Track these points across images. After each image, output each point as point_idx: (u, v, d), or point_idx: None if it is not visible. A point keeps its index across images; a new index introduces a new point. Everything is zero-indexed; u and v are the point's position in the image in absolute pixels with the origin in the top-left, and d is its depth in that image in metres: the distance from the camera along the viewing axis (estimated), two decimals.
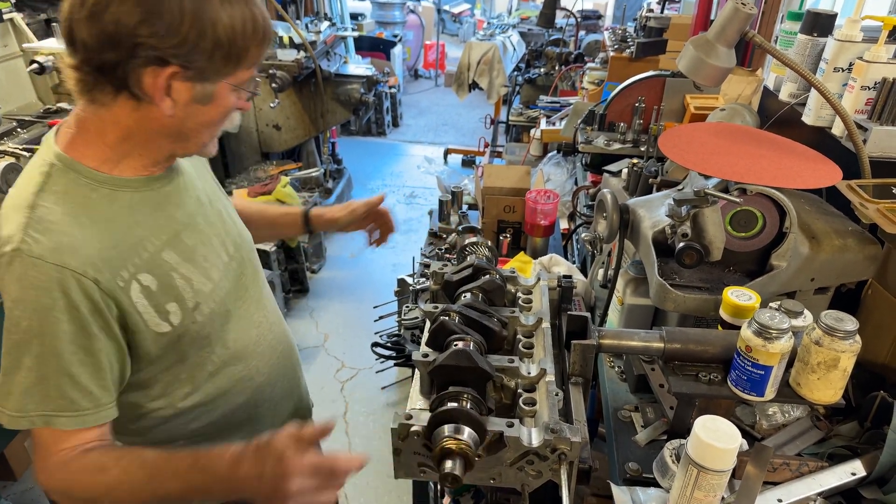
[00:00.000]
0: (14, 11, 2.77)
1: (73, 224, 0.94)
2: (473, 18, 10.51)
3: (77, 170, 0.97)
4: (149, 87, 0.92)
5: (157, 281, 1.03)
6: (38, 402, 0.94)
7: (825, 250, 1.26)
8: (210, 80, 0.96)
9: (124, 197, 1.01)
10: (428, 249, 2.30)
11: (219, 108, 1.00)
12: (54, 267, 0.91)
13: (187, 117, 0.98)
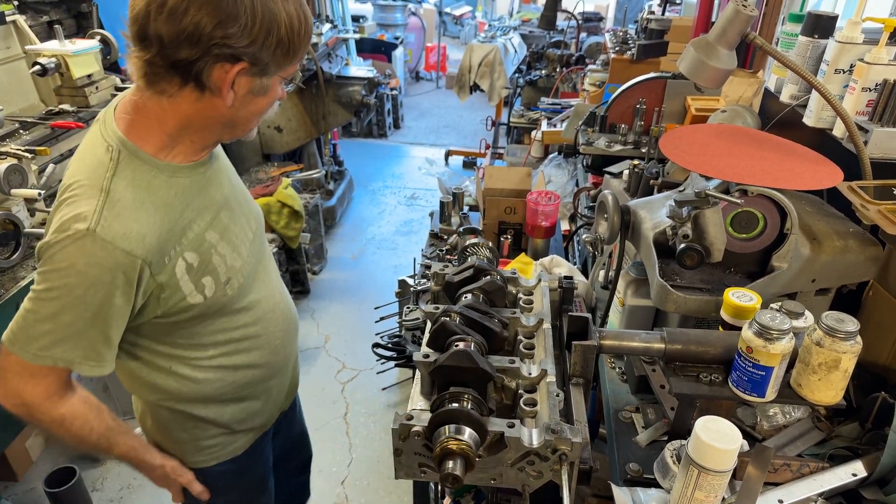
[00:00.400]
0: (17, 13, 2.77)
1: (139, 210, 1.04)
2: (475, 20, 10.53)
3: (140, 157, 1.06)
4: (217, 81, 1.00)
5: (198, 258, 1.14)
6: (69, 350, 1.06)
7: (826, 251, 1.26)
8: (269, 74, 1.05)
9: (178, 183, 1.11)
10: (429, 250, 2.31)
11: (270, 98, 1.11)
12: (122, 252, 1.01)
13: (242, 107, 1.07)
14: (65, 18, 3.57)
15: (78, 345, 1.07)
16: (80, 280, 1.01)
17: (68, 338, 1.05)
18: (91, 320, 1.05)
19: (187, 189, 1.12)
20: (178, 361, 1.26)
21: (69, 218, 1.00)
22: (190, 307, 1.16)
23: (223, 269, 1.19)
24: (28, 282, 2.06)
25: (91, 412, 1.18)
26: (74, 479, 2.06)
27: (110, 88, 2.90)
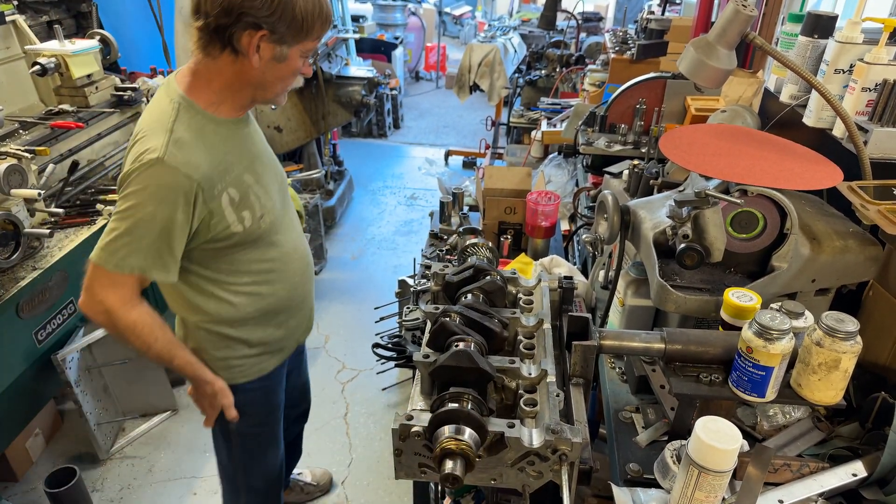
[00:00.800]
0: (16, 13, 2.77)
1: (195, 147, 1.33)
2: (474, 20, 10.53)
3: (195, 109, 1.37)
4: (245, 45, 1.28)
5: (239, 194, 1.43)
6: (142, 260, 1.33)
7: (826, 251, 1.26)
8: (286, 44, 1.32)
9: (222, 132, 1.41)
10: (429, 251, 2.31)
11: (289, 67, 1.37)
12: (184, 177, 1.30)
13: (267, 70, 1.34)
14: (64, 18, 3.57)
15: (149, 255, 1.33)
16: (151, 199, 1.29)
17: (141, 249, 1.32)
18: (159, 234, 1.32)
19: (229, 138, 1.42)
20: (218, 286, 1.53)
21: (142, 151, 1.29)
22: (232, 235, 1.44)
23: (258, 206, 1.47)
24: (28, 282, 2.06)
25: (156, 323, 1.44)
26: (74, 479, 2.06)
27: (110, 88, 2.90)
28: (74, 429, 2.79)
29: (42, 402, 2.53)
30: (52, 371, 2.32)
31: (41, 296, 2.17)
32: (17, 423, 2.38)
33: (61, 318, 2.33)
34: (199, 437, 2.80)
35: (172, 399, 2.89)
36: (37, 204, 2.20)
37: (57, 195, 2.39)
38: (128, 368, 2.72)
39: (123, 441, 2.74)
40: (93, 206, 2.50)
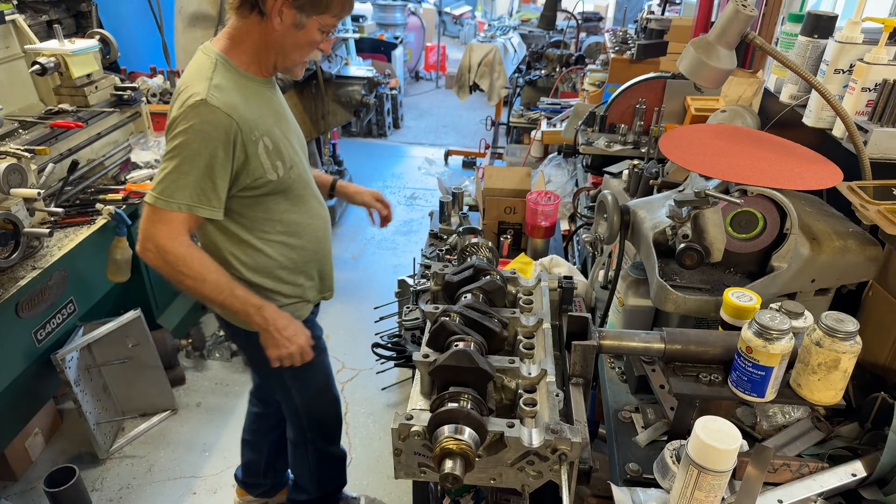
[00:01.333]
0: (16, 13, 2.77)
1: (234, 93, 1.46)
2: (474, 20, 10.53)
3: (231, 65, 1.50)
4: (270, 7, 1.41)
5: (272, 143, 1.54)
6: (188, 197, 1.43)
7: (826, 251, 1.26)
8: (306, 13, 1.44)
9: (254, 87, 1.54)
10: (429, 250, 2.31)
11: (307, 36, 1.48)
12: (225, 115, 1.41)
13: (287, 36, 1.46)
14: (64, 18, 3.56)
15: (195, 191, 1.43)
16: (196, 136, 1.40)
17: (188, 185, 1.42)
18: (204, 170, 1.42)
19: (259, 94, 1.55)
20: (254, 235, 1.63)
21: (188, 97, 1.41)
22: (267, 182, 1.54)
23: (288, 157, 1.59)
24: (27, 281, 2.06)
25: (208, 259, 1.52)
26: (74, 478, 2.06)
27: (110, 87, 2.90)
28: (74, 428, 2.79)
29: (41, 402, 2.53)
30: (51, 370, 2.32)
31: (41, 295, 2.17)
32: (17, 422, 2.38)
33: (61, 318, 2.33)
34: (198, 437, 2.80)
35: (172, 399, 2.89)
36: (36, 203, 2.20)
37: (56, 195, 2.39)
38: (127, 368, 2.72)
39: (123, 440, 2.74)
40: (92, 205, 2.50)
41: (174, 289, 3.36)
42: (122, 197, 2.56)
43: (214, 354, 3.28)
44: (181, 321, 3.21)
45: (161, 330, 2.95)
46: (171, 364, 2.96)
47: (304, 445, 2.12)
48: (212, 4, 3.74)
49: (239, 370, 3.22)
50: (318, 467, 2.18)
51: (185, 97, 1.42)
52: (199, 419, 2.91)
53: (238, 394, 3.07)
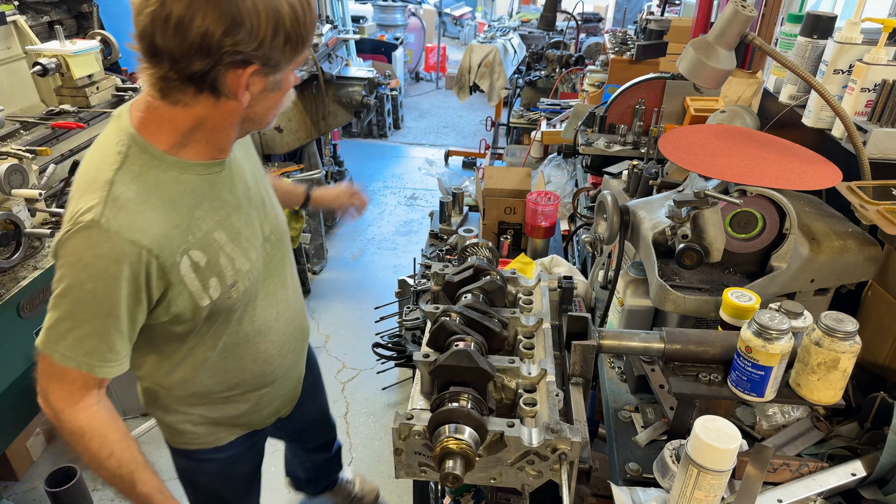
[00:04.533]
0: (17, 14, 2.78)
1: (145, 204, 1.05)
2: (474, 21, 10.53)
3: (150, 152, 1.06)
4: (231, 86, 1.01)
5: (205, 257, 1.14)
6: (88, 352, 1.07)
7: (825, 251, 1.26)
8: (281, 69, 1.05)
9: (188, 180, 1.11)
10: (429, 250, 2.31)
11: (284, 90, 1.12)
12: (127, 242, 1.02)
13: (258, 104, 1.08)
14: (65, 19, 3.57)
15: (95, 347, 1.08)
16: (88, 273, 1.03)
17: (84, 337, 1.06)
18: (105, 317, 1.06)
19: (197, 187, 1.13)
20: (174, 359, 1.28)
21: (77, 211, 1.02)
22: (198, 310, 1.17)
23: (230, 272, 1.20)
24: (28, 282, 2.06)
25: (114, 432, 1.15)
26: (75, 478, 2.06)
27: (111, 88, 2.91)
28: None
29: None
30: None
31: (42, 295, 2.17)
32: (18, 422, 2.38)
33: None
34: None
35: None
36: (38, 204, 2.20)
37: (58, 195, 2.40)
38: None
39: None
40: None
41: None
42: None
43: None
44: None
45: None
46: None
47: None
48: None
49: None
50: None
51: (74, 210, 1.03)
52: None
53: None
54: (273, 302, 1.36)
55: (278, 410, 1.57)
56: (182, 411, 1.38)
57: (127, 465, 1.16)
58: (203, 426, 1.42)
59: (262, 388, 1.44)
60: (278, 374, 1.46)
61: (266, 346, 1.38)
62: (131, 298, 1.07)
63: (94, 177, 1.05)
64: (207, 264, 1.15)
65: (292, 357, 1.50)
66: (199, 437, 1.43)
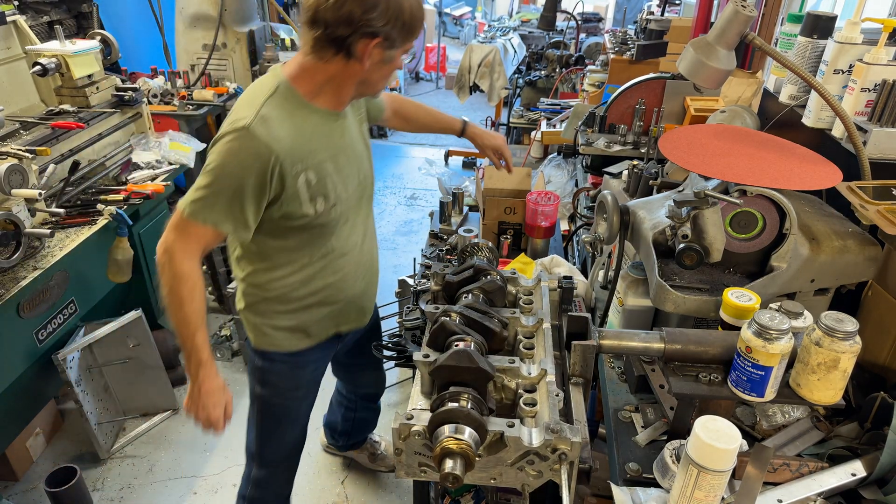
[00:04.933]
0: (17, 14, 2.78)
1: (282, 126, 1.42)
2: (474, 21, 10.53)
3: (293, 93, 1.46)
4: (360, 51, 1.37)
5: (316, 178, 1.49)
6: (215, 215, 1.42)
7: (825, 252, 1.26)
8: (395, 48, 1.41)
9: (313, 119, 1.49)
10: (429, 250, 2.31)
11: (392, 67, 1.47)
12: (264, 145, 1.38)
13: (373, 72, 1.44)
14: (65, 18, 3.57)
15: (222, 212, 1.42)
16: (232, 159, 1.38)
17: (216, 205, 1.41)
18: (233, 194, 1.40)
19: (319, 126, 1.50)
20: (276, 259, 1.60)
21: (234, 120, 1.40)
22: (303, 216, 1.50)
23: (333, 195, 1.54)
24: (28, 282, 2.06)
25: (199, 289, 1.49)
26: (75, 478, 2.06)
27: (111, 88, 2.91)
28: (75, 428, 2.79)
29: (43, 402, 2.53)
30: (52, 371, 2.33)
31: (42, 295, 2.17)
32: (18, 422, 2.38)
33: (62, 318, 2.33)
34: (199, 437, 2.80)
35: (173, 398, 2.90)
36: (37, 204, 2.20)
37: (58, 195, 2.40)
38: (128, 368, 2.72)
39: (124, 440, 2.74)
40: (93, 206, 2.50)
41: None
42: (123, 197, 2.57)
43: (216, 354, 3.29)
44: None
45: (162, 330, 2.96)
46: (173, 364, 2.96)
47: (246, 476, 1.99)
48: (212, 5, 3.74)
49: (240, 370, 3.22)
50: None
51: (233, 118, 1.43)
52: None
53: (239, 393, 3.07)
54: (356, 232, 1.70)
55: (339, 326, 1.81)
56: (268, 315, 1.67)
57: (198, 316, 1.50)
58: (281, 332, 1.71)
59: (334, 303, 1.72)
60: (349, 293, 1.74)
61: (344, 265, 1.68)
62: (256, 188, 1.41)
63: (249, 101, 1.44)
64: (317, 184, 1.49)
65: (361, 284, 1.78)
66: (277, 340, 1.72)
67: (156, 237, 1.49)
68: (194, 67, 3.90)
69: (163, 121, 3.29)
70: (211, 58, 3.79)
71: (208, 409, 1.60)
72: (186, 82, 3.73)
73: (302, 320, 1.70)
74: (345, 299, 1.74)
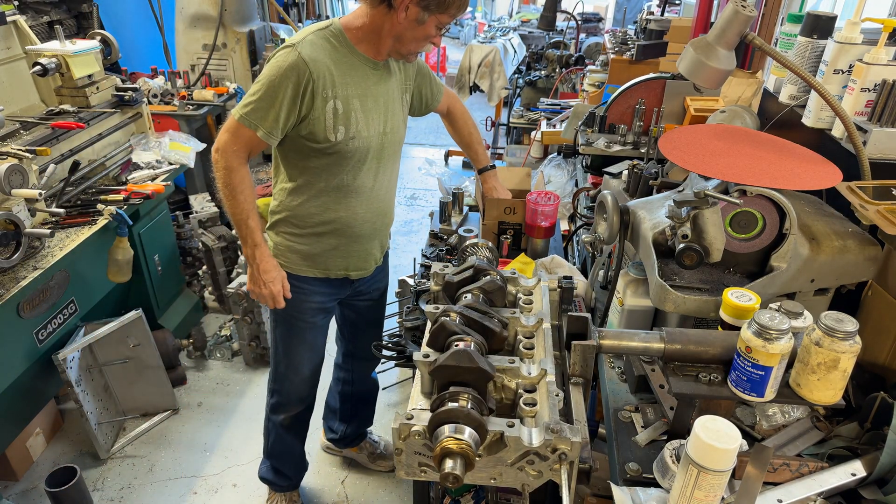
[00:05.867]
0: (17, 14, 2.78)
1: (323, 53, 1.65)
2: (474, 21, 10.53)
3: (341, 35, 1.69)
4: (398, 2, 1.57)
5: (343, 109, 1.69)
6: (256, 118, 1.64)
7: (825, 251, 1.26)
8: (429, 11, 1.59)
9: (350, 60, 1.70)
10: (429, 250, 2.31)
11: (425, 31, 1.64)
12: (303, 62, 1.61)
13: (408, 28, 1.62)
14: (65, 19, 3.57)
15: (264, 116, 1.63)
16: (277, 73, 1.61)
17: (260, 109, 1.63)
18: (272, 100, 1.62)
19: (355, 67, 1.70)
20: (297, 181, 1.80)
21: (286, 43, 1.66)
22: (325, 140, 1.69)
23: (354, 128, 1.71)
24: (28, 282, 2.06)
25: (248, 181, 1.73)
26: (75, 478, 2.06)
27: (111, 88, 2.91)
28: (75, 428, 2.79)
29: (43, 402, 2.53)
30: (52, 371, 2.33)
31: (42, 295, 2.18)
32: (18, 422, 2.38)
33: (62, 318, 2.33)
34: (199, 437, 2.80)
35: (173, 398, 2.90)
36: (37, 204, 2.20)
37: (58, 195, 2.40)
38: (128, 368, 2.72)
39: (124, 440, 2.74)
40: (93, 205, 2.50)
41: (175, 289, 3.36)
42: (123, 197, 2.57)
43: (216, 354, 3.29)
44: (182, 321, 3.22)
45: (162, 330, 2.96)
46: (173, 364, 2.96)
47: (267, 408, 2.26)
48: (212, 5, 3.74)
49: (240, 370, 3.22)
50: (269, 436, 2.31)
51: (286, 43, 1.67)
52: (200, 419, 2.91)
53: (239, 393, 3.07)
54: (373, 176, 1.84)
55: (348, 268, 1.97)
56: (286, 236, 1.88)
57: (249, 204, 1.73)
58: (294, 255, 1.90)
59: (342, 236, 1.89)
60: (356, 231, 1.90)
61: (355, 203, 1.85)
62: (290, 99, 1.62)
63: (305, 30, 1.68)
64: (342, 114, 1.68)
65: (369, 228, 1.92)
66: (289, 262, 1.90)
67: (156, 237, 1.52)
68: (194, 67, 3.90)
69: (163, 121, 3.29)
70: (211, 58, 3.79)
71: (269, 285, 1.81)
72: (186, 82, 3.73)
73: (312, 248, 1.89)
74: (352, 236, 1.90)
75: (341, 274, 1.97)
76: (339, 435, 2.58)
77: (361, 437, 2.63)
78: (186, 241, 3.43)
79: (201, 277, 3.45)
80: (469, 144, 2.23)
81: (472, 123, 2.22)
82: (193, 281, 3.51)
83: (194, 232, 3.42)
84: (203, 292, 3.50)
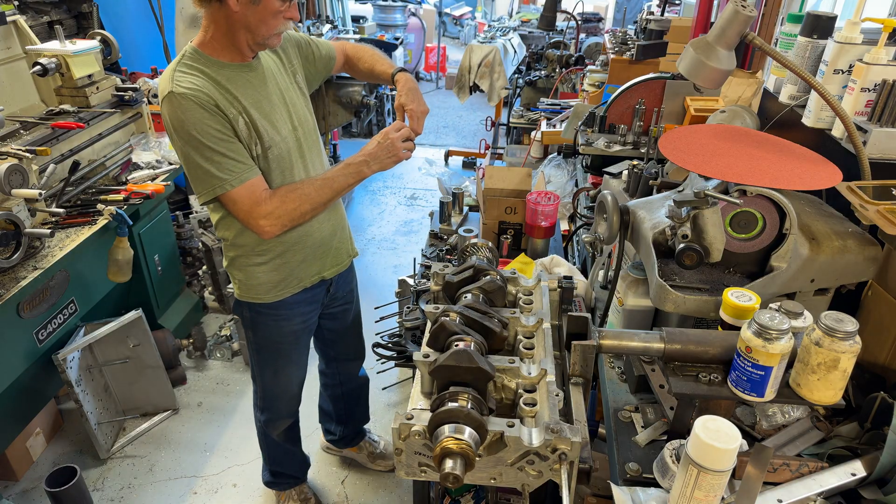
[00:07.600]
0: (17, 14, 2.78)
1: (195, 79, 1.54)
2: (474, 21, 10.54)
3: (199, 54, 1.59)
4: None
5: (249, 123, 1.60)
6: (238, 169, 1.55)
7: (825, 251, 1.26)
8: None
9: (225, 72, 1.60)
10: (429, 250, 2.31)
11: (267, 8, 1.51)
12: (192, 94, 1.50)
13: (248, 13, 1.51)
14: (65, 18, 3.57)
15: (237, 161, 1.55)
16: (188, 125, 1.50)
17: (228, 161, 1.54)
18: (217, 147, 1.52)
19: (231, 78, 1.60)
20: None
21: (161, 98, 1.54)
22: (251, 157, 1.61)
23: (266, 137, 1.64)
24: (28, 282, 2.06)
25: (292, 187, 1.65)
26: (75, 478, 2.06)
27: (111, 88, 2.91)
28: (75, 428, 2.79)
29: (43, 402, 2.53)
30: (52, 370, 2.33)
31: (42, 295, 2.18)
32: (18, 422, 2.38)
33: (62, 318, 2.34)
34: (199, 437, 2.81)
35: (173, 398, 2.90)
36: (37, 204, 2.20)
37: (58, 195, 2.40)
38: (128, 368, 2.72)
39: (124, 440, 2.74)
40: (93, 205, 2.50)
41: (175, 289, 3.36)
42: (123, 197, 2.57)
43: (216, 354, 3.29)
44: (182, 321, 3.22)
45: (162, 330, 2.96)
46: (173, 364, 2.97)
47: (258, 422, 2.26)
48: None
49: (240, 370, 3.22)
50: (267, 447, 2.32)
51: (160, 99, 1.55)
52: (200, 419, 2.91)
53: (239, 393, 3.07)
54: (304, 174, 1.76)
55: (322, 270, 1.92)
56: (249, 268, 1.80)
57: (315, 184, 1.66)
58: (263, 285, 1.83)
59: (305, 245, 1.82)
60: (317, 236, 1.84)
61: None
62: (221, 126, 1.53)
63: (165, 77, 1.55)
64: (252, 127, 1.61)
65: (329, 226, 1.88)
66: (259, 293, 1.84)
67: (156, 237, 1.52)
68: None
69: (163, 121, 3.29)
70: None
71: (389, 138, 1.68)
72: None
73: (280, 270, 1.82)
74: (315, 243, 1.85)
75: (316, 279, 1.93)
76: (337, 436, 2.59)
77: (361, 436, 2.63)
78: (186, 241, 3.43)
79: (201, 277, 3.45)
80: (372, 71, 1.98)
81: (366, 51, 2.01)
82: (193, 281, 3.51)
83: (194, 232, 3.42)
84: (203, 292, 3.50)
